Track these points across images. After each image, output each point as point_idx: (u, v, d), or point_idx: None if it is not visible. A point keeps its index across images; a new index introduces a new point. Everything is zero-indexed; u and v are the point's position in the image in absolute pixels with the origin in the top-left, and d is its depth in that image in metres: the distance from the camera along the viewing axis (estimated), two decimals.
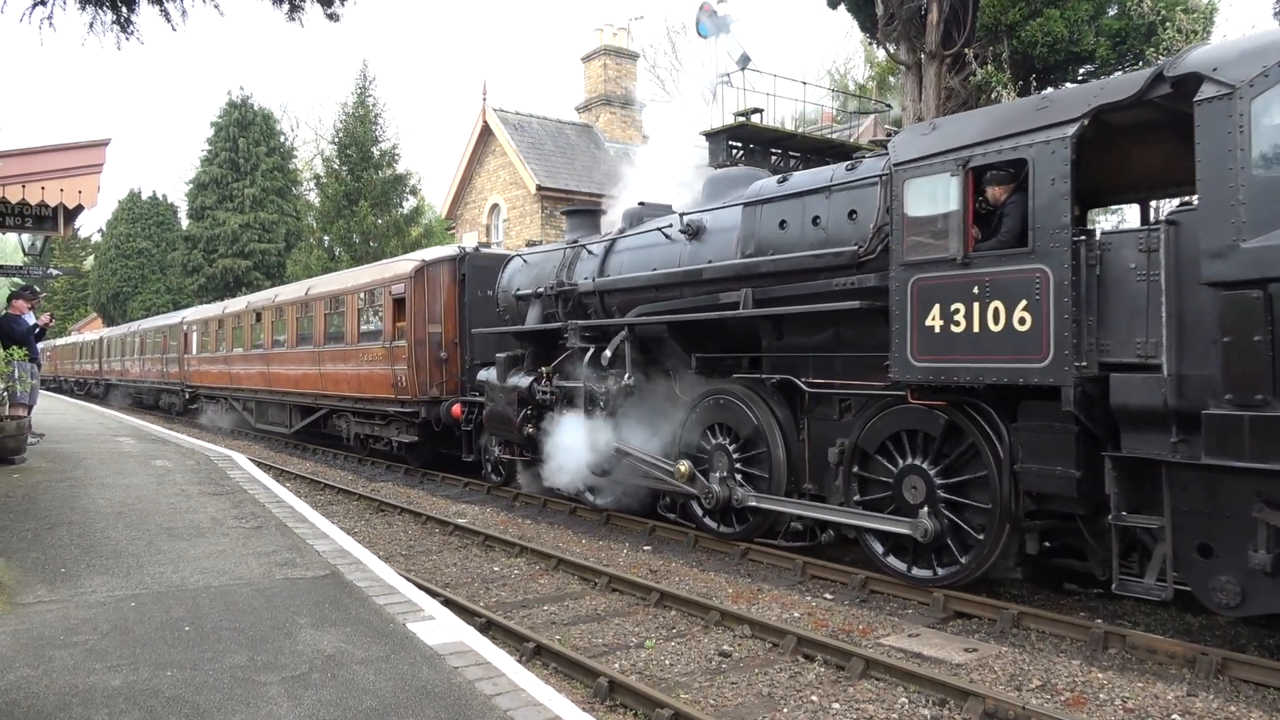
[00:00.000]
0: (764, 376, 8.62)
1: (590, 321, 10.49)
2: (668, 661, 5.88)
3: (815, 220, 7.99)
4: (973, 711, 4.91)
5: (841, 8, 16.75)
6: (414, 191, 32.57)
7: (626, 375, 9.69)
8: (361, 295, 16.04)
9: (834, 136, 17.38)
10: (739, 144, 13.34)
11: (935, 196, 6.71)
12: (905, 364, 6.86)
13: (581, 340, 10.36)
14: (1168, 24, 13.25)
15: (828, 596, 7.43)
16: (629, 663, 5.85)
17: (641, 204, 10.79)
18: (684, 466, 9.04)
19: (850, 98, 25.92)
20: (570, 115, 27.99)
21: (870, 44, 22.57)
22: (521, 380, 11.37)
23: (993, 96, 13.70)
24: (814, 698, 5.22)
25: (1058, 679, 5.42)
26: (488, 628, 6.31)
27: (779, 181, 8.63)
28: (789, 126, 22.48)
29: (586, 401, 10.21)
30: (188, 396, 26.90)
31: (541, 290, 11.28)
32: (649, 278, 9.71)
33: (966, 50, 14.32)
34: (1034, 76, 14.06)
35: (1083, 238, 5.99)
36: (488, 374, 12.31)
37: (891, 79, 21.40)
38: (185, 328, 26.72)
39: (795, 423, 8.45)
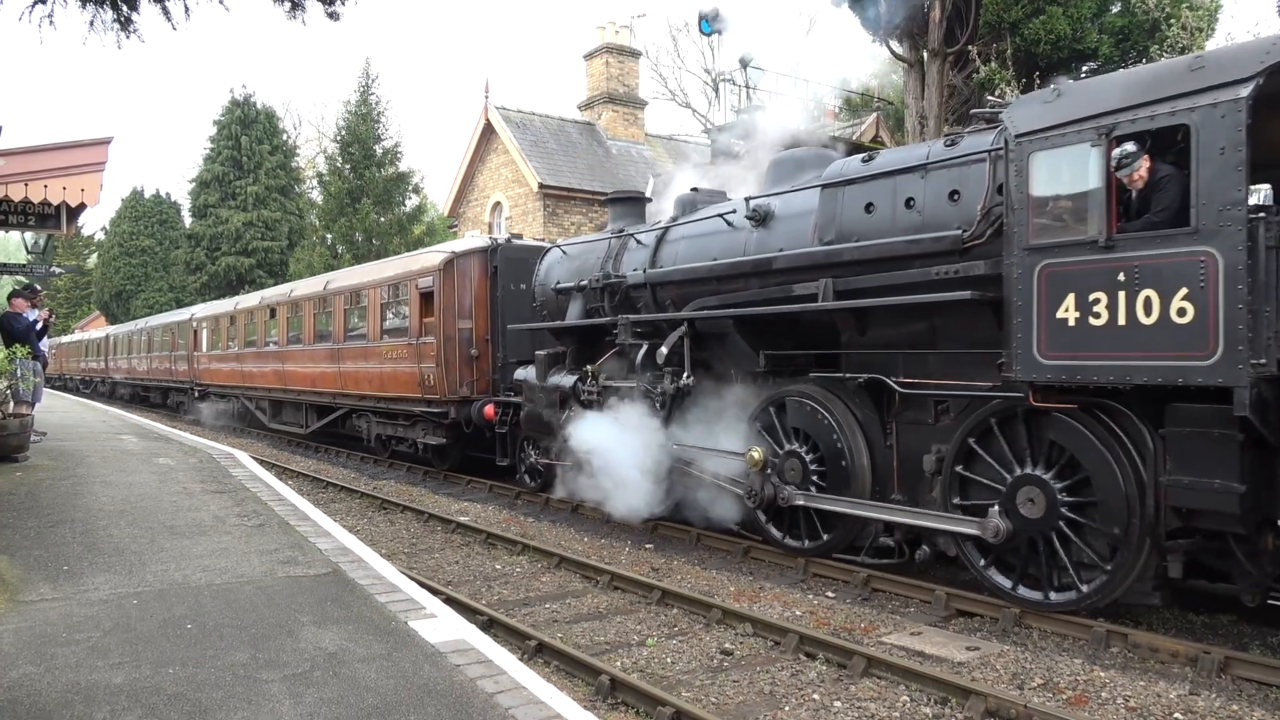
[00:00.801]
0: (846, 375, 7.83)
1: (644, 316, 9.74)
2: (669, 660, 5.88)
3: (909, 202, 7.21)
4: (974, 710, 4.91)
5: (844, 5, 16.70)
6: (416, 189, 32.63)
7: (685, 374, 8.94)
8: (385, 289, 15.29)
9: (836, 134, 17.35)
10: (741, 142, 13.27)
11: (1069, 171, 5.94)
12: (1029, 361, 6.07)
13: (633, 337, 9.63)
14: (1172, 20, 13.22)
15: (829, 595, 7.42)
16: (631, 661, 5.85)
17: (695, 190, 10.10)
18: (757, 453, 8.16)
19: (852, 95, 25.86)
20: (572, 113, 27.97)
21: (873, 42, 22.50)
22: (563, 380, 10.67)
23: (996, 94, 13.68)
24: (816, 696, 5.22)
25: (1060, 677, 5.42)
26: (489, 626, 6.31)
27: (863, 160, 7.83)
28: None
29: (638, 402, 9.41)
30: (197, 395, 26.31)
31: (585, 283, 10.58)
32: (710, 268, 8.94)
33: (969, 48, 14.29)
34: (1037, 74, 14.03)
35: (1260, 215, 5.21)
36: (525, 373, 11.62)
37: (894, 77, 21.36)
38: (195, 324, 26.11)
39: (882, 427, 7.66)
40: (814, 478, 8.02)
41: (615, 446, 9.44)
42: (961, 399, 7.01)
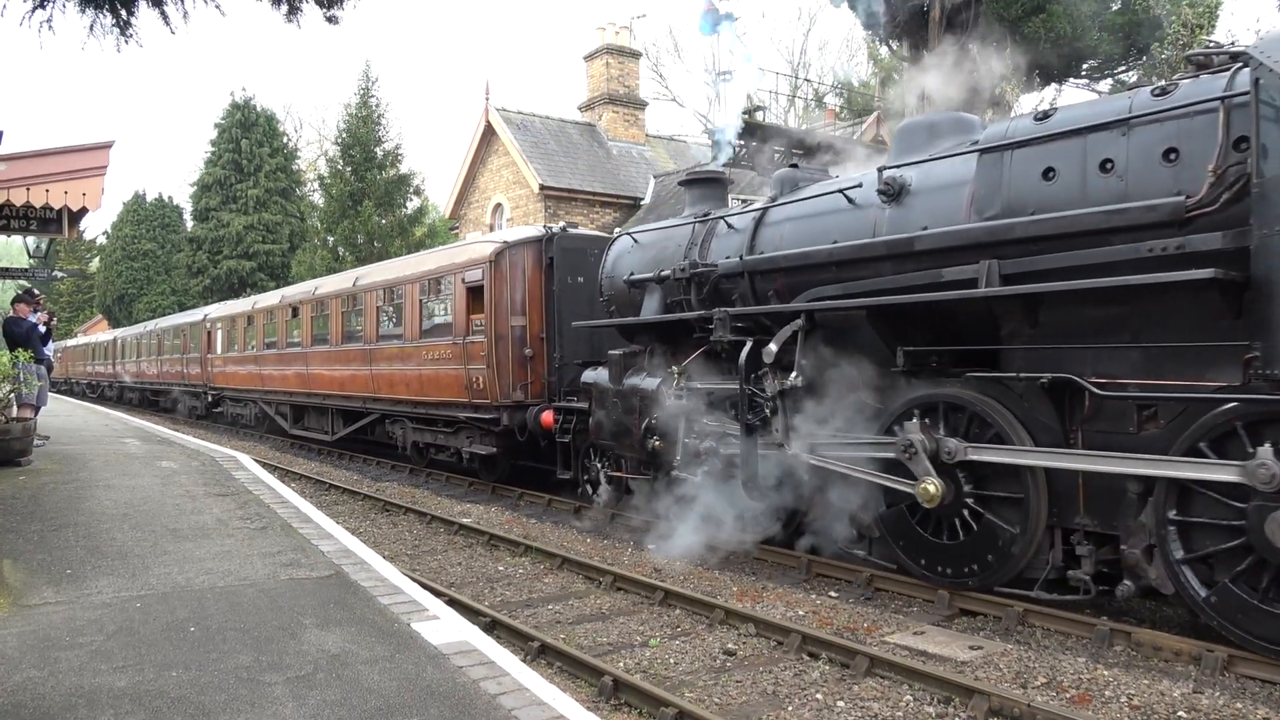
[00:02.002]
0: (1021, 375, 6.49)
1: (753, 309, 8.46)
2: (672, 660, 5.88)
3: (1105, 165, 6.04)
4: (978, 709, 4.90)
5: (844, 5, 16.72)
6: (418, 191, 32.66)
7: (793, 374, 7.65)
8: (425, 284, 14.08)
9: (837, 133, 17.35)
10: (741, 142, 13.28)
11: None
12: None
13: (733, 332, 8.45)
14: (1173, 19, 13.20)
15: (832, 595, 7.42)
16: (633, 661, 5.85)
17: (794, 166, 9.17)
18: (933, 487, 6.61)
19: (854, 95, 25.88)
20: (573, 114, 27.98)
21: (873, 41, 22.52)
22: (645, 382, 9.46)
23: (997, 93, 13.68)
24: (819, 696, 5.22)
25: (1063, 676, 5.41)
26: (492, 627, 6.31)
27: (1036, 119, 6.63)
28: (792, 124, 22.47)
29: (744, 408, 8.13)
30: (210, 399, 25.39)
31: (665, 274, 9.43)
32: (828, 252, 7.74)
33: (970, 47, 14.26)
34: (1037, 72, 14.02)
35: None
36: (595, 374, 10.37)
37: (895, 76, 21.35)
38: (208, 325, 25.08)
39: (1065, 437, 6.36)
40: (968, 500, 6.77)
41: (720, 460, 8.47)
42: (1178, 402, 5.74)
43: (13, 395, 10.77)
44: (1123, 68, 14.79)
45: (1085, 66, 14.80)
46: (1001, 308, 6.60)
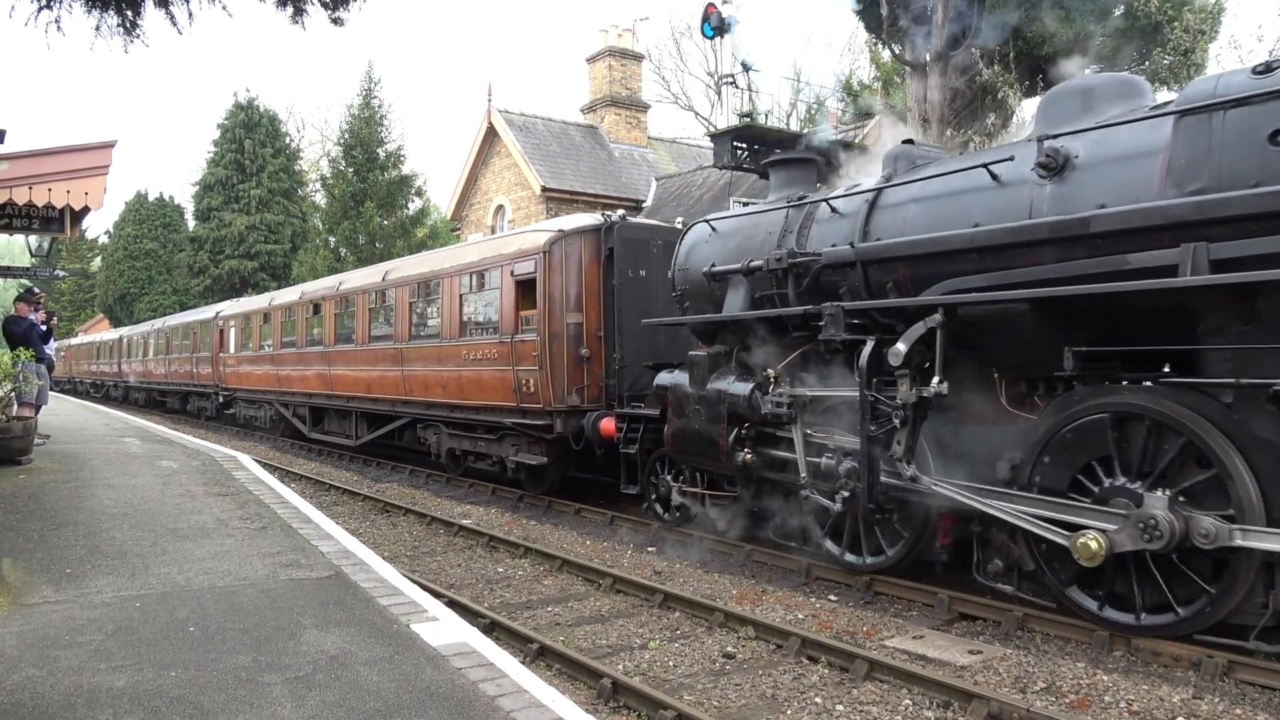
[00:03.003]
0: (1241, 381, 5.43)
1: (879, 303, 7.30)
2: (671, 663, 5.88)
3: None
4: (977, 714, 4.90)
5: (848, 7, 16.72)
6: (419, 193, 32.70)
7: (936, 379, 6.49)
8: (467, 278, 12.94)
9: (839, 137, 17.35)
10: (743, 145, 13.31)
11: None
12: None
13: (847, 330, 7.36)
14: (1175, 23, 13.21)
15: (832, 598, 7.42)
16: (633, 664, 5.85)
17: (910, 142, 8.16)
18: (1095, 543, 5.60)
19: (855, 98, 25.89)
20: (575, 116, 28.01)
21: (875, 44, 22.54)
22: (735, 387, 8.37)
23: (999, 97, 13.68)
24: (818, 700, 5.22)
25: (1063, 681, 5.41)
26: (491, 629, 6.31)
27: (1255, 73, 5.58)
28: (793, 127, 22.48)
29: (866, 418, 7.01)
30: (222, 400, 24.29)
31: (754, 264, 8.41)
32: (969, 237, 6.63)
33: (972, 51, 14.28)
34: (1040, 77, 14.02)
35: None
36: (672, 378, 9.21)
37: (897, 79, 21.37)
38: (220, 323, 24.02)
39: None
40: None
41: (826, 474, 7.45)
42: None
43: (14, 394, 10.77)
44: (1125, 72, 14.77)
45: (1087, 72, 14.79)
46: (1203, 300, 5.56)
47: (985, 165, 6.77)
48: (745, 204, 11.83)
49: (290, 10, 7.43)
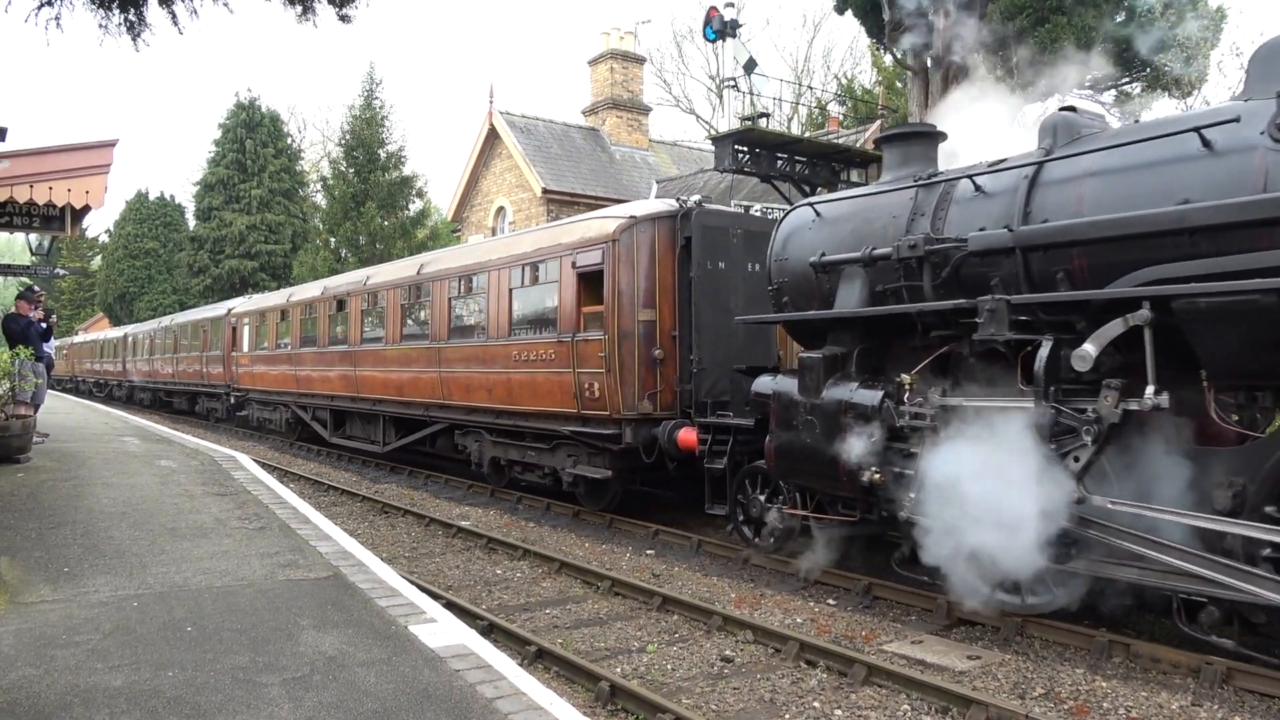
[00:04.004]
0: None
1: (1064, 295, 6.14)
2: (669, 666, 5.87)
3: None
4: (975, 719, 4.89)
5: (849, 13, 16.76)
6: (420, 194, 32.73)
7: (1151, 389, 5.50)
8: (518, 271, 11.76)
9: (840, 141, 17.37)
10: (745, 148, 13.31)
11: None
12: None
13: (1012, 328, 6.20)
14: (1177, 30, 13.22)
15: (831, 602, 7.41)
16: (631, 667, 5.84)
17: (1071, 109, 7.02)
18: None
19: (858, 103, 25.93)
20: (576, 119, 28.03)
21: (877, 49, 22.57)
22: (859, 395, 7.17)
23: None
24: (816, 704, 5.21)
25: (1061, 687, 5.40)
26: (489, 631, 6.31)
27: None
28: (795, 131, 22.49)
29: (1045, 434, 5.89)
30: (233, 401, 23.28)
31: (878, 252, 7.37)
32: (1183, 215, 5.58)
33: (974, 56, 14.29)
34: (1042, 81, 14.02)
35: None
36: (776, 383, 8.09)
37: (899, 84, 21.40)
38: (232, 320, 23.03)
39: None
40: None
41: (982, 501, 6.04)
42: None
43: (12, 392, 10.76)
44: (1127, 79, 14.81)
45: (1090, 77, 14.82)
46: None
47: (1198, 129, 5.67)
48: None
49: (298, 9, 7.43)
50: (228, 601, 5.40)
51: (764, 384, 8.29)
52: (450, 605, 6.59)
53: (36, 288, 14.11)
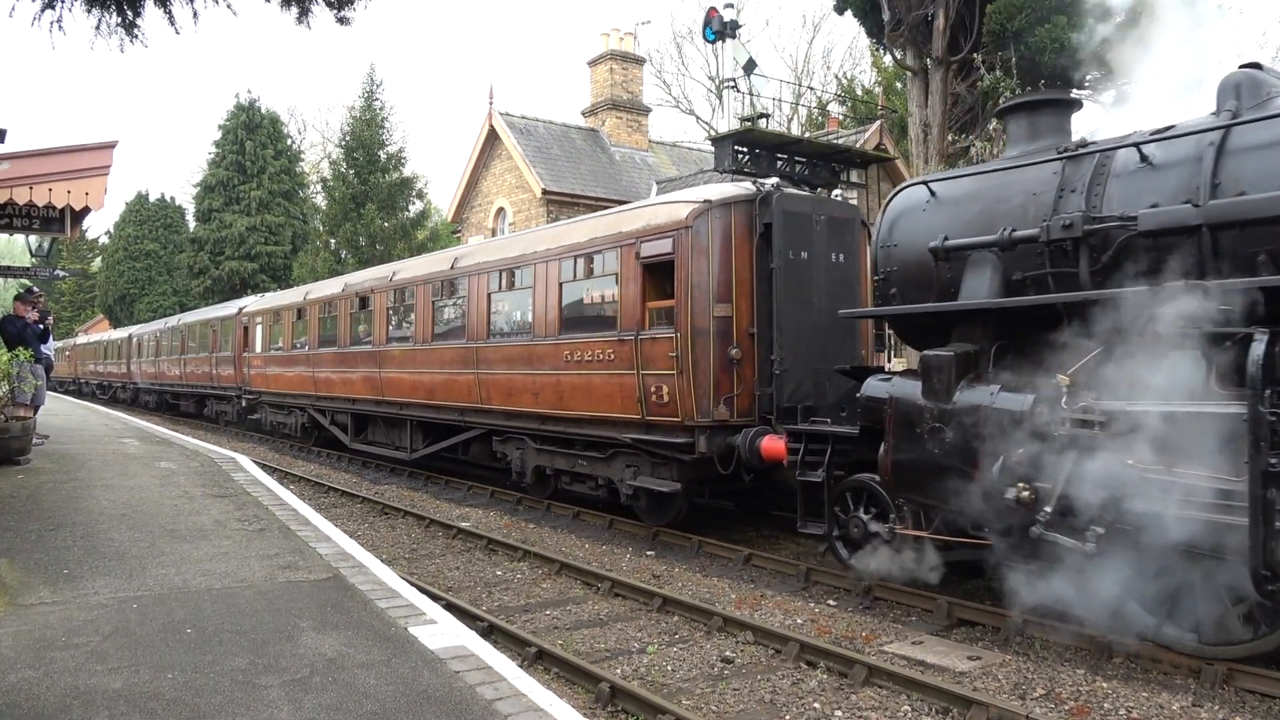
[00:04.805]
0: None
1: None
2: (670, 667, 5.87)
3: None
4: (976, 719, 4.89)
5: (849, 13, 16.76)
6: (420, 195, 32.78)
7: None
8: (569, 263, 10.80)
9: (840, 141, 17.38)
10: (745, 149, 13.30)
11: None
12: None
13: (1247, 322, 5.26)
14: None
15: (831, 603, 7.40)
16: (631, 668, 5.84)
17: (1255, 66, 6.13)
18: None
19: (857, 103, 25.93)
20: (576, 119, 28.04)
21: (877, 49, 22.58)
22: (1006, 399, 6.22)
23: (1000, 102, 13.69)
24: (816, 705, 5.20)
25: (1062, 688, 5.39)
26: (489, 632, 6.30)
27: None
28: (794, 131, 22.48)
29: (1263, 444, 4.93)
30: (245, 404, 22.42)
31: (1019, 235, 6.54)
32: None
33: (974, 56, 14.32)
34: (1042, 82, 14.04)
35: None
36: (893, 386, 7.11)
37: (898, 84, 21.41)
38: (244, 320, 22.20)
39: None
40: None
41: (1173, 525, 5.24)
42: None
43: (11, 394, 10.75)
44: (1126, 79, 14.82)
45: (1089, 78, 14.82)
46: None
47: None
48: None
49: (296, 11, 7.43)
50: (227, 603, 5.40)
51: (877, 387, 7.29)
52: (450, 606, 6.59)
53: (35, 289, 14.09)
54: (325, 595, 5.67)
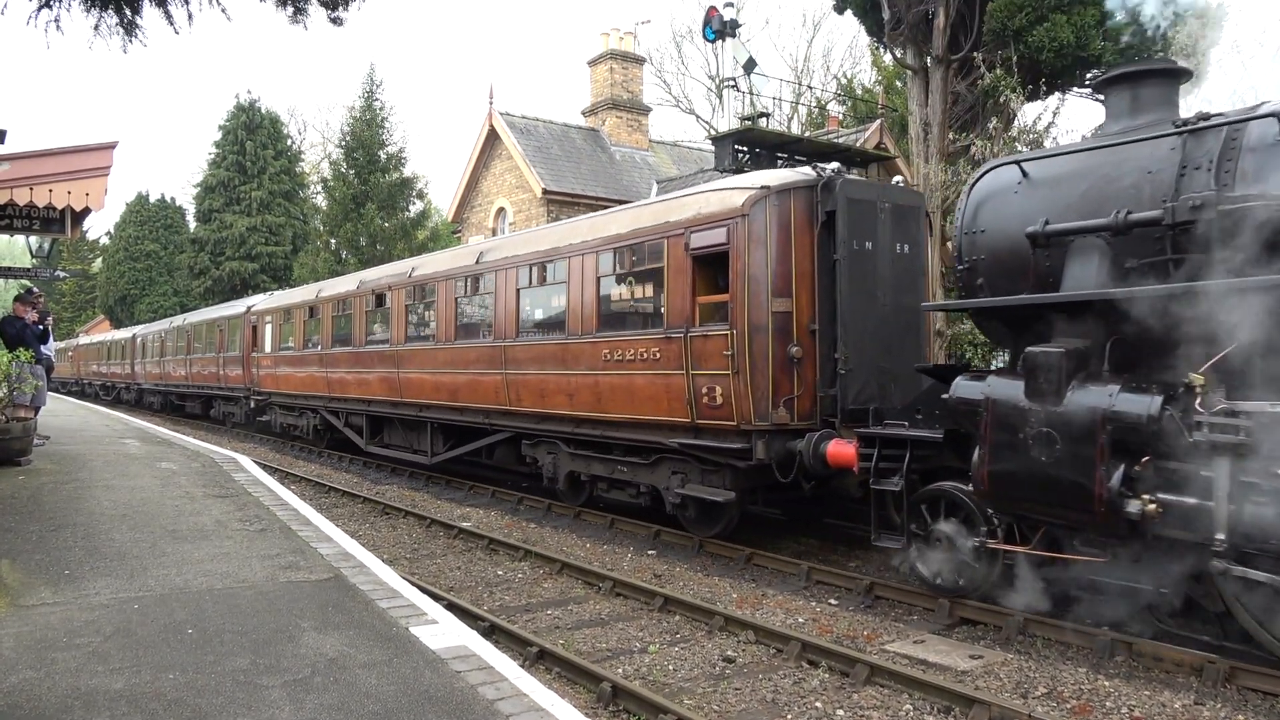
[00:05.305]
0: None
1: None
2: (671, 667, 5.86)
3: None
4: (978, 719, 4.88)
5: (849, 12, 16.75)
6: (421, 195, 32.79)
7: None
8: (609, 255, 10.15)
9: (840, 140, 17.37)
10: (745, 148, 13.30)
11: None
12: None
13: None
14: (1177, 28, 13.21)
15: (832, 602, 7.40)
16: (632, 668, 5.84)
17: None
18: None
19: (857, 102, 25.92)
20: (576, 119, 28.03)
21: (877, 48, 22.57)
22: (1128, 401, 5.65)
23: (1001, 101, 13.68)
24: (818, 704, 5.20)
25: (1064, 687, 5.39)
26: (491, 632, 6.30)
27: None
28: (794, 130, 22.47)
29: None
30: (254, 405, 21.85)
31: (1138, 217, 5.98)
32: None
33: (974, 55, 14.30)
34: (1042, 81, 14.03)
35: None
36: (991, 387, 6.44)
37: (898, 83, 21.40)
38: (252, 319, 21.69)
39: None
40: None
41: None
42: None
43: (12, 395, 10.75)
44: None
45: (1089, 75, 14.80)
46: None
47: None
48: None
49: (290, 10, 7.43)
50: (229, 604, 5.39)
51: (969, 388, 6.62)
52: (451, 606, 6.59)
53: (35, 290, 14.09)
54: (326, 595, 5.67)
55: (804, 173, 9.01)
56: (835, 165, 9.16)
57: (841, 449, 7.94)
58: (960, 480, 6.83)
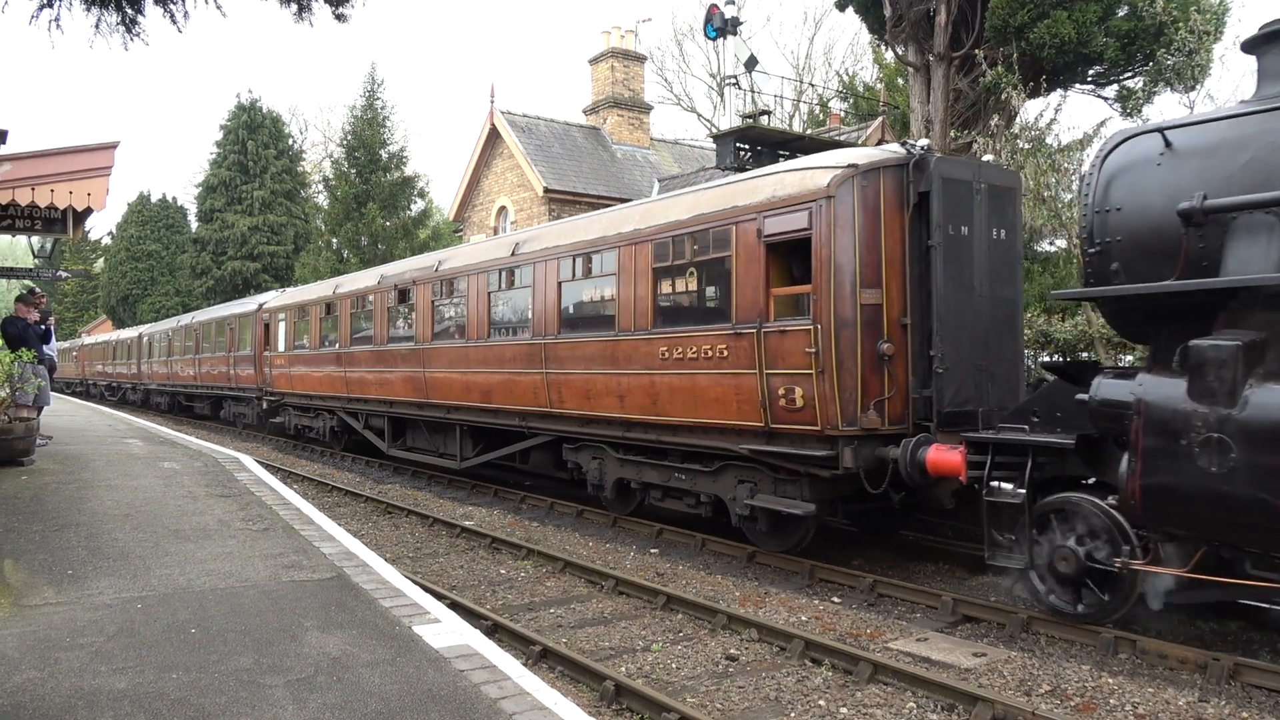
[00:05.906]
0: None
1: None
2: (674, 665, 5.86)
3: None
4: (981, 717, 4.88)
5: (850, 9, 16.72)
6: (422, 194, 32.76)
7: None
8: (666, 243, 9.30)
9: (842, 138, 17.35)
10: (746, 146, 13.28)
11: None
12: None
13: None
14: (1179, 24, 13.18)
15: (835, 600, 7.40)
16: (635, 666, 5.83)
17: None
18: None
19: (859, 100, 25.89)
20: (577, 118, 28.02)
21: (878, 46, 22.53)
22: None
23: (1002, 98, 13.65)
24: (821, 702, 5.20)
25: (1067, 684, 5.38)
26: (494, 631, 6.30)
27: None
28: (796, 128, 22.45)
29: None
30: (266, 406, 21.09)
31: None
32: None
33: (975, 52, 14.27)
34: (1044, 78, 14.00)
35: None
36: (1143, 387, 5.66)
37: (900, 80, 21.36)
38: (265, 316, 21.00)
39: None
40: None
41: None
42: None
43: (14, 395, 10.76)
44: (1129, 74, 14.77)
45: (1091, 72, 14.77)
46: None
47: None
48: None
49: (294, 8, 7.42)
50: (231, 603, 5.40)
51: (1115, 388, 5.87)
52: (454, 605, 6.58)
53: (37, 290, 14.10)
54: (329, 595, 5.67)
55: (893, 149, 8.21)
56: (925, 142, 8.30)
57: (944, 456, 7.15)
58: (1085, 491, 6.24)
